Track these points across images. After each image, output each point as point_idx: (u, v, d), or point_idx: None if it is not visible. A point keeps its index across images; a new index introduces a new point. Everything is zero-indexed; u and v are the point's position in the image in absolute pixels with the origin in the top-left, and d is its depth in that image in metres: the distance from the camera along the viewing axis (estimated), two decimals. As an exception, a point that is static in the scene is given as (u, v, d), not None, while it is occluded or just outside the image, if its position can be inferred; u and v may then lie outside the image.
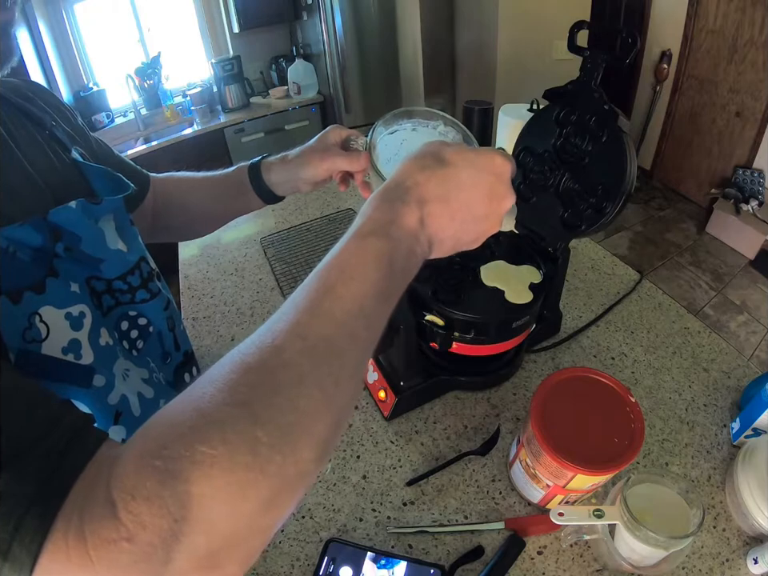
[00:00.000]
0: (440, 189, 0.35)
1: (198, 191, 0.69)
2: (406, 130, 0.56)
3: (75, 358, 0.40)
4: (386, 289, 0.31)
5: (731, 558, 0.53)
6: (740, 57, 2.58)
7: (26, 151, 0.44)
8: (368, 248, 0.31)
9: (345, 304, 0.29)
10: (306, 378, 0.26)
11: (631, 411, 0.51)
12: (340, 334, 0.28)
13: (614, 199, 0.57)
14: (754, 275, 2.54)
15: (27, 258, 0.38)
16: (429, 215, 0.35)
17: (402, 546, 0.56)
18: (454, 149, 0.38)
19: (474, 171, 0.37)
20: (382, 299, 0.31)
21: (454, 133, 0.56)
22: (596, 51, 0.56)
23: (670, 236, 2.89)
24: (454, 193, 0.36)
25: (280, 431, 0.24)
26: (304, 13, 2.70)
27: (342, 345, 0.28)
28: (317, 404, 0.26)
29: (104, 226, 0.47)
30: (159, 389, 0.52)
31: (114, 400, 0.44)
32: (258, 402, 0.25)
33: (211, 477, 0.22)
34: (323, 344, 0.27)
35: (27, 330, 0.37)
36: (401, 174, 0.36)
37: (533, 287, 0.63)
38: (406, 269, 0.33)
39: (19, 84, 0.50)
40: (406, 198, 0.34)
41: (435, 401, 0.72)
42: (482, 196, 0.37)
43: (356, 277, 0.30)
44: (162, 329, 0.55)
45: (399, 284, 0.33)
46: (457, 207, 0.36)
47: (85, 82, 2.54)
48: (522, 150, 0.69)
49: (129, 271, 0.49)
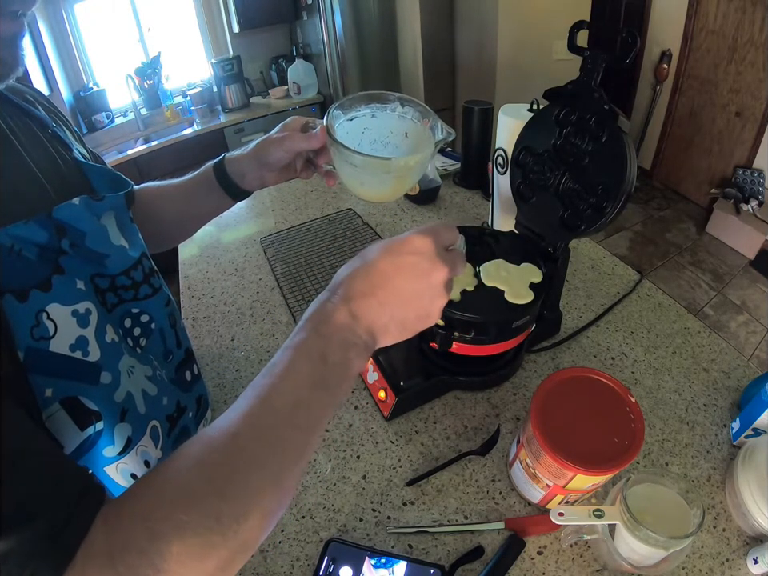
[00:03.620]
0: (364, 283, 0.38)
1: (169, 197, 0.69)
2: (365, 116, 0.55)
3: (83, 355, 0.40)
4: (322, 380, 0.35)
5: (731, 558, 0.53)
6: (740, 57, 2.59)
7: (30, 150, 0.44)
8: (300, 347, 0.35)
9: (283, 397, 0.33)
10: (256, 461, 0.31)
11: (631, 411, 0.51)
12: (282, 422, 0.33)
13: (613, 199, 0.57)
14: (753, 275, 2.54)
15: (33, 255, 0.38)
16: (358, 309, 0.37)
17: (401, 546, 0.56)
18: (379, 244, 0.40)
19: (393, 257, 0.38)
20: (319, 389, 0.35)
21: (413, 111, 0.55)
22: (596, 51, 0.56)
23: (670, 236, 2.89)
24: (378, 282, 0.38)
25: (238, 504, 0.30)
26: (304, 13, 2.70)
27: (285, 432, 0.33)
28: (265, 483, 0.31)
29: (106, 222, 0.47)
30: (162, 386, 0.52)
31: (120, 397, 0.44)
32: (221, 479, 0.30)
33: (185, 538, 0.28)
34: (269, 431, 0.32)
35: (35, 328, 0.37)
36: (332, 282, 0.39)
37: (533, 287, 0.63)
38: (345, 360, 0.36)
39: (20, 88, 0.51)
40: (332, 299, 0.37)
41: (435, 401, 0.72)
42: (408, 278, 0.38)
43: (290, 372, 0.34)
44: (163, 325, 0.55)
45: (340, 374, 0.36)
46: (384, 295, 0.38)
47: (85, 82, 2.54)
48: (522, 150, 0.69)
49: (132, 266, 0.50)
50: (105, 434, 0.42)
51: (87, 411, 0.40)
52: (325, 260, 1.04)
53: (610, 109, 0.56)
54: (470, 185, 1.28)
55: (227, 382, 0.79)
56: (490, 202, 1.04)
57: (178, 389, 0.57)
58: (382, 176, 0.51)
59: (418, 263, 0.38)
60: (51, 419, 0.38)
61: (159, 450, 0.50)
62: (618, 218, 0.58)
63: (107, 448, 0.43)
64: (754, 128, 2.63)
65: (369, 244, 0.42)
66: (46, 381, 0.37)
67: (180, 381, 0.58)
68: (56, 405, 0.38)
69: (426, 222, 1.16)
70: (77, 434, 0.40)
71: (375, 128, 0.55)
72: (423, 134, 0.54)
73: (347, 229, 1.14)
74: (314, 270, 1.01)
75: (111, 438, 0.43)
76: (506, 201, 0.90)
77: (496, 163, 0.88)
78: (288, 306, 0.92)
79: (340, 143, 0.48)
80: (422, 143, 0.54)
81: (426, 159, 0.51)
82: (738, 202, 2.72)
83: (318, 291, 0.92)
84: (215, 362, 0.83)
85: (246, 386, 0.34)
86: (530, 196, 0.70)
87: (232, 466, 0.30)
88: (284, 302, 0.94)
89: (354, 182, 0.53)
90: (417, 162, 0.50)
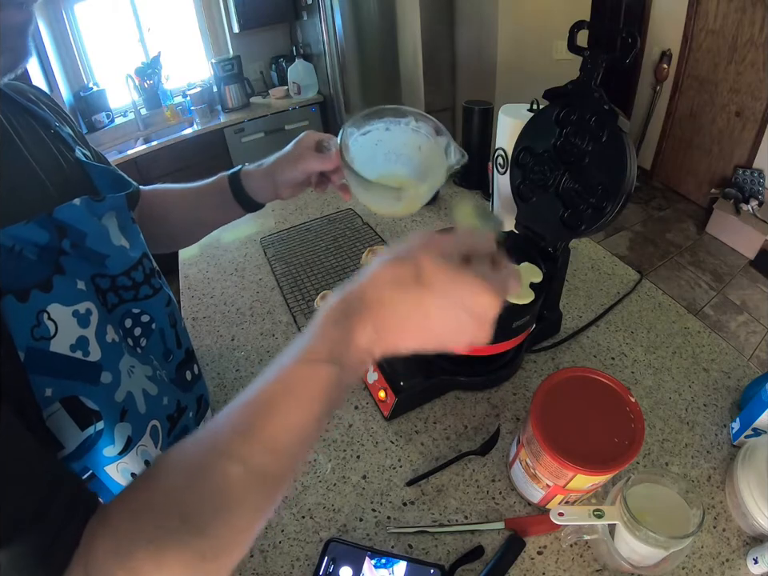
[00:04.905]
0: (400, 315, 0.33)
1: (179, 202, 0.70)
2: (378, 129, 0.54)
3: (83, 355, 0.40)
4: (328, 413, 0.33)
5: (731, 558, 0.53)
6: (740, 57, 2.59)
7: (32, 150, 0.44)
8: (320, 376, 0.31)
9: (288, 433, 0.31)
10: (245, 502, 0.30)
11: (631, 411, 0.51)
12: (280, 461, 0.31)
13: (613, 199, 0.57)
14: (753, 275, 2.54)
15: (33, 256, 0.38)
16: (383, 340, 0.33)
17: (401, 546, 0.56)
18: (439, 264, 0.32)
19: (447, 303, 0.32)
20: (323, 421, 0.33)
21: (426, 127, 0.54)
22: (596, 51, 0.56)
23: (670, 236, 2.89)
24: (414, 320, 0.33)
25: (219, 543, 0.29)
26: (304, 13, 2.70)
27: (281, 470, 0.31)
28: (251, 521, 0.31)
29: (107, 222, 0.47)
30: (162, 386, 0.52)
31: (121, 397, 0.44)
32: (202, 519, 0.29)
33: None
34: (262, 471, 0.30)
35: (35, 328, 0.37)
36: (367, 282, 0.33)
37: (533, 287, 0.63)
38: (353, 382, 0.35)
39: (22, 86, 0.51)
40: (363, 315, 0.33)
41: (435, 401, 0.72)
42: (446, 330, 0.34)
43: (303, 405, 0.31)
44: (164, 326, 0.55)
45: (338, 404, 0.34)
46: (415, 335, 0.34)
47: (85, 82, 2.54)
48: (522, 150, 0.69)
49: (132, 267, 0.50)
50: (105, 433, 0.42)
51: (87, 411, 0.40)
52: (325, 260, 1.04)
53: (609, 109, 0.56)
54: (470, 185, 1.28)
55: (227, 381, 0.79)
56: (490, 202, 1.04)
57: (178, 389, 0.56)
58: (392, 200, 0.51)
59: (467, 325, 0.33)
60: (51, 418, 0.38)
61: (159, 450, 0.50)
62: (618, 218, 0.58)
63: (107, 448, 0.43)
64: (753, 128, 2.63)
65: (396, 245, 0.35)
66: (46, 380, 0.37)
67: (180, 381, 0.58)
68: (56, 404, 0.38)
69: (426, 222, 1.16)
70: (77, 433, 0.40)
71: (389, 141, 0.55)
72: (436, 149, 0.54)
73: (347, 229, 1.14)
74: (314, 269, 1.01)
75: (111, 437, 0.43)
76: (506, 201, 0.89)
77: (496, 163, 0.88)
78: (288, 305, 0.92)
79: (353, 170, 0.48)
80: (435, 158, 0.53)
81: (437, 185, 0.51)
82: (738, 201, 2.72)
83: (318, 291, 0.92)
84: (215, 361, 0.83)
85: (246, 385, 0.33)
86: (529, 196, 0.70)
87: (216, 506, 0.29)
88: (284, 301, 0.94)
89: (367, 200, 0.54)
90: (427, 190, 0.51)
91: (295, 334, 0.86)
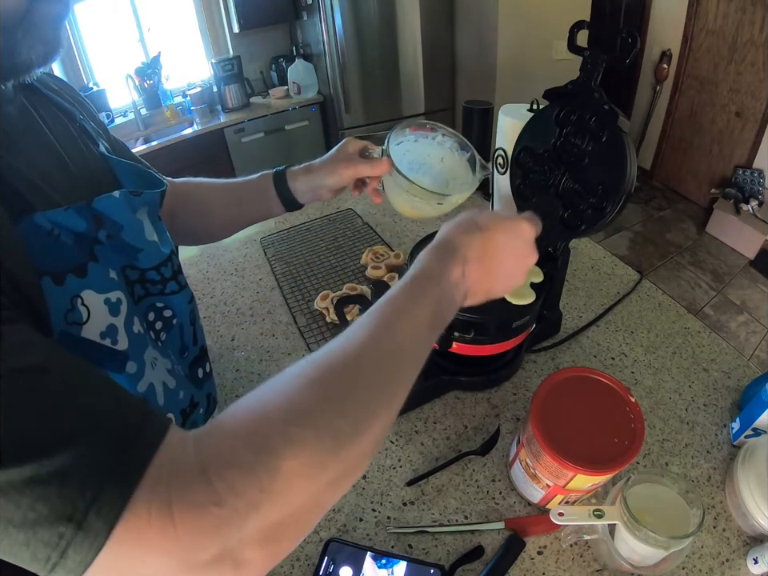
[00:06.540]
0: (479, 250, 0.42)
1: (217, 195, 0.71)
2: (409, 141, 0.63)
3: (112, 344, 0.40)
4: (434, 324, 0.38)
5: (731, 558, 0.53)
6: (740, 57, 2.59)
7: (61, 141, 0.45)
8: (426, 291, 0.39)
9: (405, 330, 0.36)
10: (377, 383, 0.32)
11: (631, 411, 0.51)
12: (402, 350, 0.35)
13: (613, 199, 0.57)
14: (753, 275, 2.54)
15: (70, 242, 0.38)
16: (469, 271, 0.41)
17: (401, 546, 0.56)
18: (487, 216, 0.45)
19: (506, 235, 0.44)
20: (430, 330, 0.38)
21: (451, 141, 0.64)
22: (596, 51, 0.56)
23: (670, 236, 2.89)
24: (490, 254, 0.43)
25: (355, 423, 0.29)
26: (304, 13, 2.70)
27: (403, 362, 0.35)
28: (381, 405, 0.32)
29: (141, 217, 0.48)
30: (180, 380, 0.52)
31: (143, 388, 0.44)
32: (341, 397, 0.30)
33: (300, 456, 0.26)
34: (390, 358, 0.34)
35: (69, 312, 0.37)
36: (448, 234, 0.43)
37: (533, 287, 0.63)
38: (447, 312, 0.40)
39: (45, 78, 0.51)
40: (454, 255, 0.41)
41: (435, 401, 0.72)
42: (512, 256, 0.45)
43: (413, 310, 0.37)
44: (184, 322, 0.55)
45: (441, 323, 0.40)
46: (491, 266, 0.43)
47: (85, 82, 2.54)
48: (522, 150, 0.69)
49: (162, 263, 0.50)
50: None
51: None
52: (325, 260, 1.04)
53: (610, 109, 0.56)
54: (470, 185, 1.28)
55: (227, 381, 0.79)
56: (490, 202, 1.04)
57: (192, 385, 0.57)
58: (433, 204, 0.59)
59: (523, 248, 0.46)
60: None
61: None
62: (618, 218, 0.58)
63: None
64: (753, 128, 2.63)
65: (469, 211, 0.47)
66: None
67: (193, 377, 0.59)
68: None
69: (426, 221, 1.16)
70: None
71: (415, 151, 0.63)
72: (458, 162, 0.64)
73: (347, 229, 1.14)
74: (314, 269, 1.01)
75: None
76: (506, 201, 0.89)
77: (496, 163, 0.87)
78: (288, 305, 0.92)
79: (405, 176, 0.56)
80: (456, 170, 0.64)
81: (468, 195, 0.61)
82: (738, 201, 2.72)
83: (318, 291, 0.92)
84: (215, 361, 0.83)
85: (246, 385, 0.33)
86: (529, 196, 0.70)
87: (353, 386, 0.31)
88: (284, 301, 0.94)
89: (405, 204, 0.61)
90: (464, 199, 0.61)
91: (295, 334, 0.86)
